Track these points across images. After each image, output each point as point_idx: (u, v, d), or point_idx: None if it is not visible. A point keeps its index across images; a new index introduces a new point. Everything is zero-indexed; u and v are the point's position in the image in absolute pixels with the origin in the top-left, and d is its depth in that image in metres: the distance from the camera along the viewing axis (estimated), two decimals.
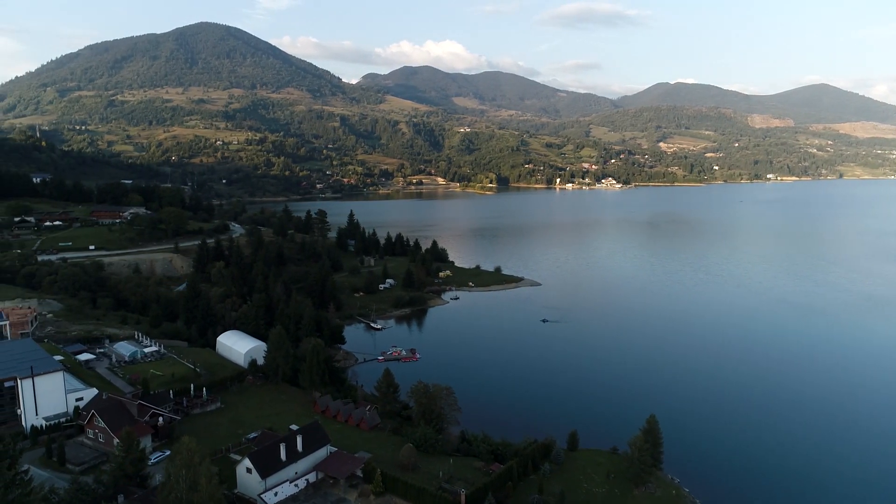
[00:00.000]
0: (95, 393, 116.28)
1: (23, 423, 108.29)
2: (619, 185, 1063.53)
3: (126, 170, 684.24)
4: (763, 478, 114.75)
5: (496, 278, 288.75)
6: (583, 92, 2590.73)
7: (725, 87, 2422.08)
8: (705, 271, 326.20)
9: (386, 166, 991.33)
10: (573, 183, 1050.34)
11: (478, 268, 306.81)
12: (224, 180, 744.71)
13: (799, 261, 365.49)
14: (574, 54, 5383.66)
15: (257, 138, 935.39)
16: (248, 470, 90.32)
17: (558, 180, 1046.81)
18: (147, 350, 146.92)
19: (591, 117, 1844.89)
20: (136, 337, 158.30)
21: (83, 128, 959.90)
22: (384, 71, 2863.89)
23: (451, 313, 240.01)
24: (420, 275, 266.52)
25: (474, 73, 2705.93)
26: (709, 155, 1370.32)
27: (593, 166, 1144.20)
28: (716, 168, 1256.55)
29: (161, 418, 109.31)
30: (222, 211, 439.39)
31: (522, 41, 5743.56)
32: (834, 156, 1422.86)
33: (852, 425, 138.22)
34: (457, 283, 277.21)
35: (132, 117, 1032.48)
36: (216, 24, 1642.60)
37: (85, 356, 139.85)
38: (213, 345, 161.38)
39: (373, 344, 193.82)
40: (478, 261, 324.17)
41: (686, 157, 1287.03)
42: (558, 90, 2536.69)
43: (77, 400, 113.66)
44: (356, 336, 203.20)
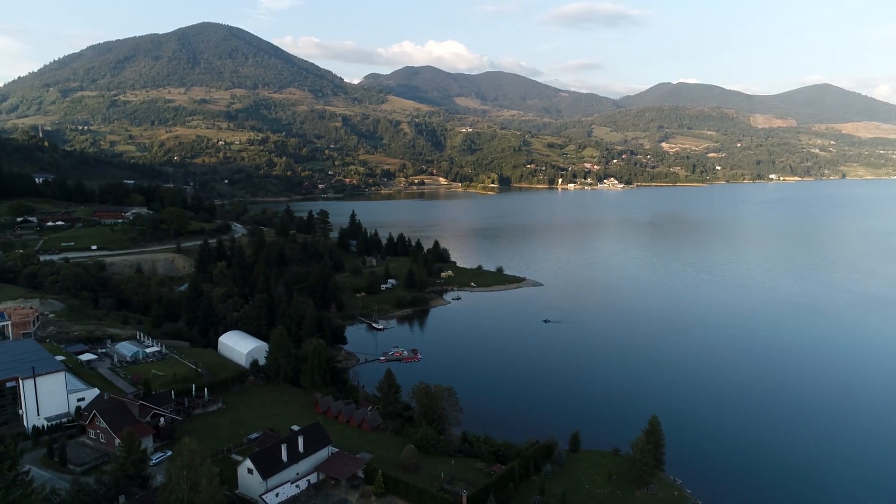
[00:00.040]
0: (97, 393, 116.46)
1: (24, 424, 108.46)
2: (621, 186, 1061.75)
3: (128, 170, 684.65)
4: (764, 478, 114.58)
5: (498, 278, 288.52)
6: (585, 92, 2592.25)
7: (727, 87, 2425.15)
8: (707, 272, 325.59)
9: (388, 166, 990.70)
10: (575, 183, 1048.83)
11: (480, 268, 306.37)
12: (226, 180, 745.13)
13: (801, 261, 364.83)
14: (576, 54, 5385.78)
15: (259, 138, 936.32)
16: (250, 471, 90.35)
17: (560, 180, 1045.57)
18: (149, 350, 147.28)
19: (593, 117, 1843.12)
20: (138, 337, 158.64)
21: (85, 128, 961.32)
22: (386, 71, 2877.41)
23: (453, 314, 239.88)
24: (422, 275, 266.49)
25: (476, 73, 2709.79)
26: (711, 155, 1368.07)
27: (595, 166, 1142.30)
28: (718, 168, 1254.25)
29: (162, 419, 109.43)
30: (224, 211, 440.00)
31: (524, 41, 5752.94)
32: (836, 156, 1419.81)
33: (853, 426, 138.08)
34: (458, 284, 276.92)
35: (134, 117, 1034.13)
36: (218, 24, 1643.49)
37: (87, 356, 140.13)
38: (215, 345, 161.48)
39: (374, 344, 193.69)
40: (480, 261, 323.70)
41: (688, 158, 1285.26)
42: (560, 90, 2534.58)
43: (79, 400, 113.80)
44: (358, 336, 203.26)
